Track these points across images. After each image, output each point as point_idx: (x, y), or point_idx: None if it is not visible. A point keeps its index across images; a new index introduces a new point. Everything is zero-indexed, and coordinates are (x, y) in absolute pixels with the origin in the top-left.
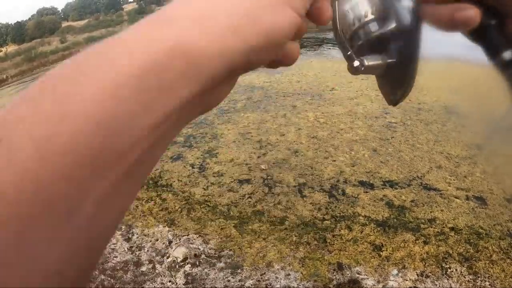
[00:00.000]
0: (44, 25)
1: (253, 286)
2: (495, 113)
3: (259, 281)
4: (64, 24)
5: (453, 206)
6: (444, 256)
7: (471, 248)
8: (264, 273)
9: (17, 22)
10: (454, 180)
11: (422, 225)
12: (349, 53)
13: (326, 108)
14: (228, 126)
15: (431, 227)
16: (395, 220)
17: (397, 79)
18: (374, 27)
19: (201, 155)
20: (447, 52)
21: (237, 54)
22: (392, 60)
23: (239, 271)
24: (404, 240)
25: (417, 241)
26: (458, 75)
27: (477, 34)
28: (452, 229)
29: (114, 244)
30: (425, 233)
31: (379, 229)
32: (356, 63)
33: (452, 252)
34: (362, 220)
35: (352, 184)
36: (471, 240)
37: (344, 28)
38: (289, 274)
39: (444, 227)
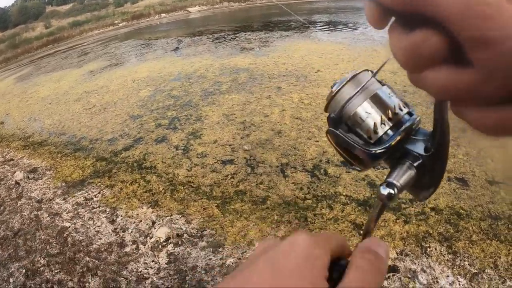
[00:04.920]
0: (28, 10)
1: (233, 264)
2: None
3: (240, 259)
4: (49, 8)
5: None
6: (424, 235)
7: (451, 228)
8: (245, 251)
9: (0, 8)
10: None
11: (403, 205)
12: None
13: (310, 90)
14: (213, 108)
15: (412, 207)
16: (376, 199)
17: (429, 179)
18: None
19: (185, 136)
20: None
21: None
22: (420, 162)
23: (220, 249)
24: (384, 219)
25: (397, 220)
26: None
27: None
28: (433, 209)
29: (98, 226)
30: (405, 213)
31: (360, 208)
32: (387, 190)
33: (432, 232)
34: (344, 200)
35: (334, 164)
36: (452, 220)
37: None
38: None
39: (425, 207)
